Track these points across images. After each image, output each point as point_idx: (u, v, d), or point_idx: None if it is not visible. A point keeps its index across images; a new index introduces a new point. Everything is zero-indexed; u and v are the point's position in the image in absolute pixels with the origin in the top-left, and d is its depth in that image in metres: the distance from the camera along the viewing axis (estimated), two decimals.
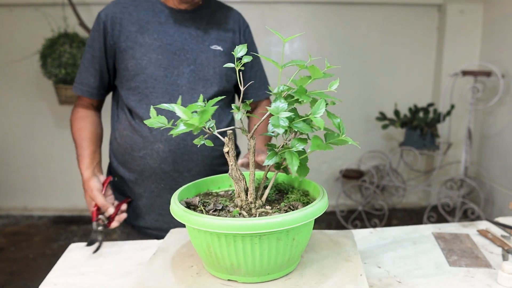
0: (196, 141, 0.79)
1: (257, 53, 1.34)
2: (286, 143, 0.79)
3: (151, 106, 0.78)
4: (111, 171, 1.35)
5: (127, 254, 1.07)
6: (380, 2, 3.37)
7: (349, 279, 0.77)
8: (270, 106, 0.72)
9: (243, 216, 0.77)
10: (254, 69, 1.37)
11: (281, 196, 0.89)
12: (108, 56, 1.24)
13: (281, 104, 0.71)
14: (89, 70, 1.26)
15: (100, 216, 1.14)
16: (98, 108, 1.36)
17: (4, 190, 3.61)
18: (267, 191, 0.83)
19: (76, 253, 1.08)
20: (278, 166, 0.84)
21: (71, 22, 3.15)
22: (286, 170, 0.85)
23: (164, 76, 1.20)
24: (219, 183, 0.96)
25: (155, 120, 0.74)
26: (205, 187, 0.94)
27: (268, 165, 0.79)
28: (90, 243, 1.10)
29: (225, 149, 0.81)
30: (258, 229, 0.69)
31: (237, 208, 0.80)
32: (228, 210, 0.80)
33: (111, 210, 1.15)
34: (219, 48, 1.25)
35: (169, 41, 1.21)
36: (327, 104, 0.72)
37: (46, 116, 3.48)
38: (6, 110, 3.47)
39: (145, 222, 1.29)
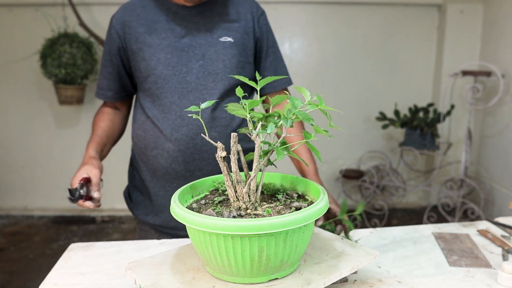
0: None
1: (274, 41, 1.33)
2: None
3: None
4: (132, 167, 1.37)
5: (127, 254, 1.08)
6: (380, 2, 3.37)
7: None
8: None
9: (241, 217, 0.77)
10: (269, 59, 1.31)
11: (287, 198, 0.88)
12: (123, 59, 1.25)
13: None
14: (103, 74, 1.29)
15: (82, 189, 1.09)
16: (123, 109, 1.38)
17: (4, 190, 3.61)
18: (259, 191, 0.83)
19: (76, 253, 1.08)
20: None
21: (71, 22, 3.15)
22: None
23: (172, 75, 1.19)
24: (221, 181, 0.96)
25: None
26: (206, 187, 0.94)
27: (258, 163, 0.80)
28: (72, 196, 1.06)
29: (222, 154, 0.80)
30: (257, 230, 0.69)
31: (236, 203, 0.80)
32: (230, 210, 0.80)
33: (97, 194, 1.12)
34: (229, 39, 1.22)
35: (176, 39, 1.20)
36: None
37: (46, 116, 3.48)
38: (6, 110, 3.47)
39: (161, 220, 1.29)
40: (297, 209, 0.80)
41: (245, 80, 0.87)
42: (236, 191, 0.82)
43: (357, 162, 3.52)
